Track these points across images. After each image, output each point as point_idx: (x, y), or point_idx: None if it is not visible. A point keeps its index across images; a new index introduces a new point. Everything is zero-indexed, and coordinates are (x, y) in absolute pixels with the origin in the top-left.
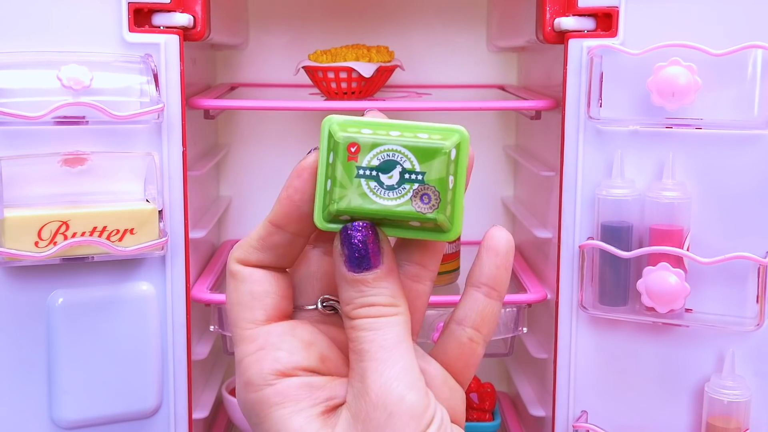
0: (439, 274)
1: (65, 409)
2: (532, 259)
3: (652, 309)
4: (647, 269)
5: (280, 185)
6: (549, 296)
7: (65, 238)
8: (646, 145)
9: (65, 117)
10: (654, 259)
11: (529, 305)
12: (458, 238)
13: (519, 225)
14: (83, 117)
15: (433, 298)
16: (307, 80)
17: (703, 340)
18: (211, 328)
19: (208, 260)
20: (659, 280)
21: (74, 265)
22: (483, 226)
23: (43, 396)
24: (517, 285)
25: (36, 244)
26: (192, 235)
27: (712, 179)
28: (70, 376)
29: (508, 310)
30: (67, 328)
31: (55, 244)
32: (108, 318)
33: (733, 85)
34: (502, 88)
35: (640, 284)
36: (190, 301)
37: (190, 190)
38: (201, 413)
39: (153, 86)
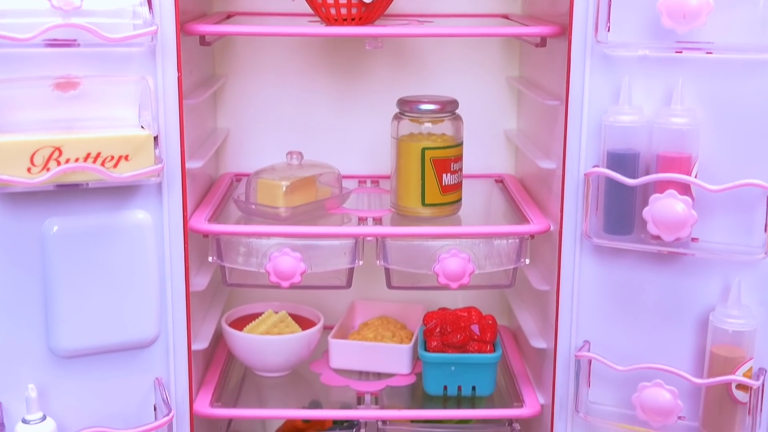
0: (442, 205)
1: (63, 338)
2: (535, 191)
3: (657, 237)
4: (654, 197)
5: (278, 116)
6: (552, 228)
7: (58, 164)
8: (655, 70)
9: (55, 40)
10: (661, 187)
11: (532, 237)
12: (460, 169)
13: (522, 157)
14: (74, 40)
15: (435, 230)
16: (306, 9)
17: (708, 270)
18: (210, 258)
19: (206, 192)
20: (666, 208)
21: (68, 193)
22: (486, 159)
23: (41, 325)
24: (519, 216)
25: (28, 170)
26: (189, 165)
27: (722, 105)
28: (67, 304)
29: (510, 241)
30: (63, 256)
31: (48, 170)
32: (104, 246)
33: (746, 6)
34: (505, 17)
35: (646, 212)
36: (187, 230)
37: (187, 119)
38: (200, 344)
39: (146, 8)
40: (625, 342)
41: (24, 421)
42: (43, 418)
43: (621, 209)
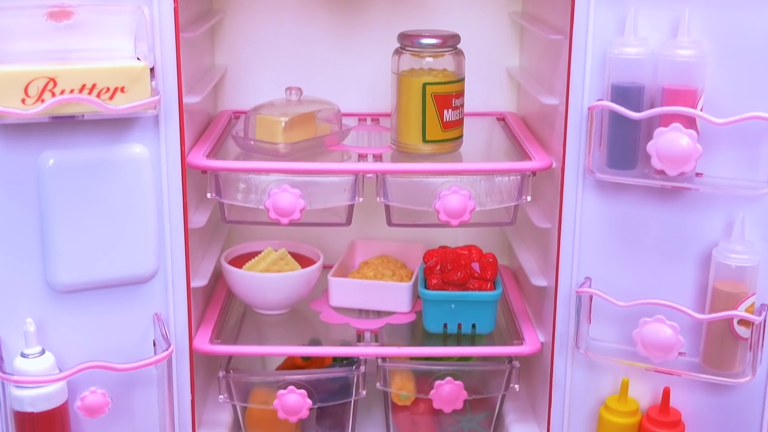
0: (443, 141)
1: (60, 273)
2: (537, 128)
3: (661, 172)
4: (658, 131)
5: (277, 53)
6: (554, 165)
7: (53, 95)
8: (662, 1)
9: None
10: (666, 120)
11: (533, 173)
12: (462, 105)
13: (524, 94)
14: None
15: (435, 166)
16: None
17: (712, 205)
18: (209, 195)
19: (204, 129)
20: (670, 142)
21: (64, 125)
22: (488, 97)
23: (38, 259)
24: (521, 153)
25: (23, 101)
26: (186, 99)
27: (729, 37)
28: (64, 239)
29: (511, 178)
30: (59, 190)
31: (42, 101)
32: (101, 180)
33: None
34: None
35: (651, 146)
36: (185, 165)
37: (184, 52)
38: (200, 282)
39: None
40: (627, 279)
41: (23, 355)
42: (42, 352)
43: (625, 144)
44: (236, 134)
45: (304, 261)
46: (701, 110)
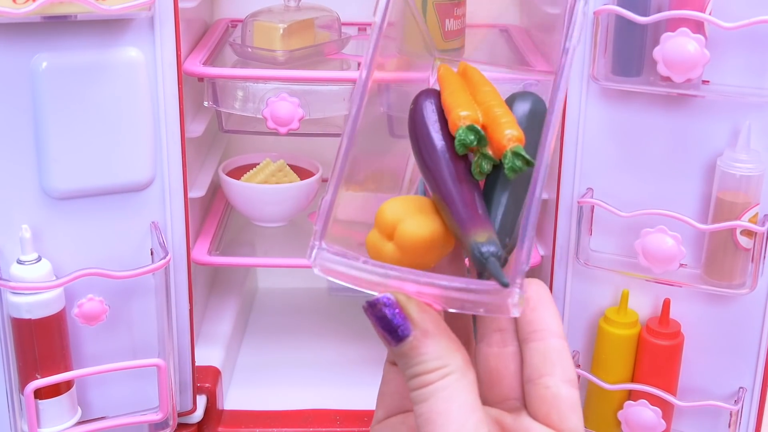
0: (444, 51)
1: (56, 179)
2: (541, 40)
3: (667, 79)
4: (665, 36)
5: None
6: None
7: None
8: None
9: None
10: (673, 25)
11: (537, 83)
12: (464, 15)
13: (527, 6)
14: None
15: None
16: None
17: (718, 113)
18: (205, 103)
19: (201, 37)
20: (677, 47)
21: (57, 26)
22: (490, 9)
23: (33, 165)
24: (522, 64)
25: (14, 0)
26: (182, 4)
27: None
28: (59, 144)
29: (513, 86)
30: (53, 94)
31: (34, 0)
32: (95, 84)
33: None
34: None
35: (657, 52)
36: (181, 72)
37: None
38: (197, 192)
39: None
40: (630, 190)
41: (19, 262)
42: (39, 259)
43: (631, 50)
44: (233, 41)
45: (302, 173)
46: (710, 14)
